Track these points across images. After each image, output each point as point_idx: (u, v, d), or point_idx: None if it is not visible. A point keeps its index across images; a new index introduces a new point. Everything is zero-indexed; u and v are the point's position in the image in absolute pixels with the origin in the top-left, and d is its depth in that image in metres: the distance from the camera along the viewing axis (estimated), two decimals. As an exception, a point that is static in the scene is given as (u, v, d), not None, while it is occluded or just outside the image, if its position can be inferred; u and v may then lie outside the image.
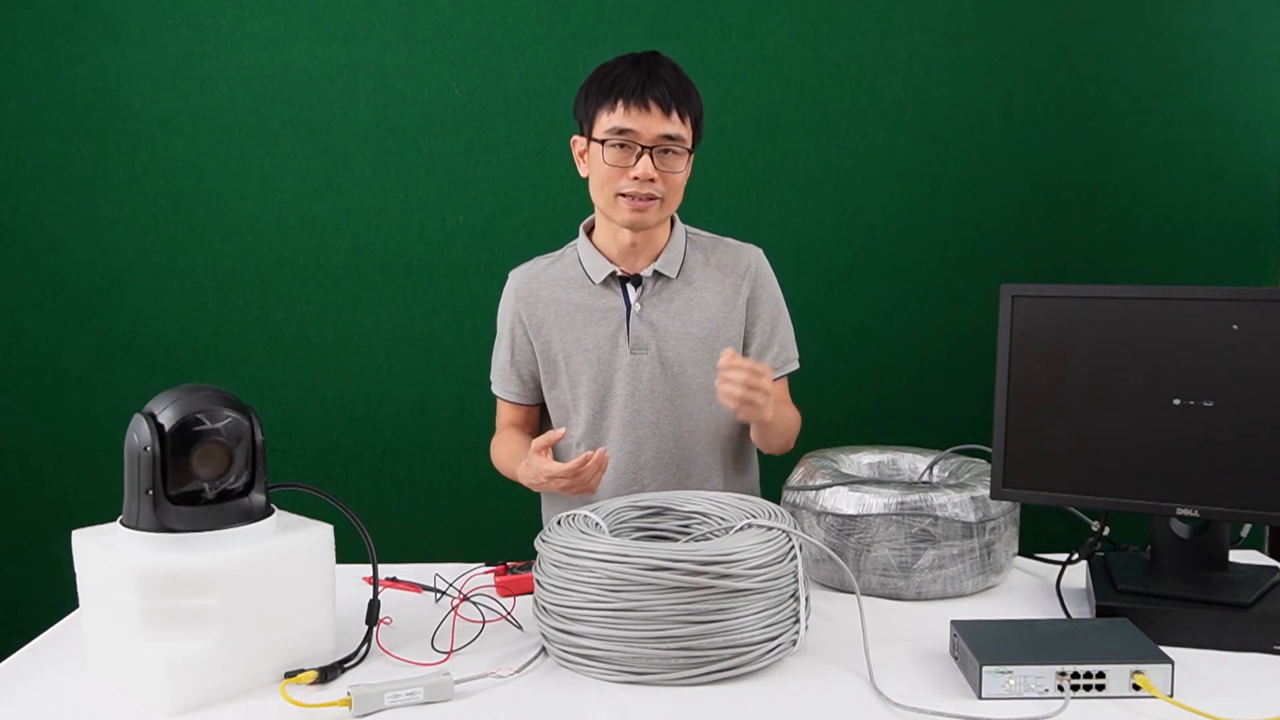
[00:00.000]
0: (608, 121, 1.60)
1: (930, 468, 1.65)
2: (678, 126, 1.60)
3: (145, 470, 1.13)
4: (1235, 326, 1.31)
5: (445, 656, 1.27)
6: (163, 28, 2.32)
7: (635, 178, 1.60)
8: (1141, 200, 2.38)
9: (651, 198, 1.62)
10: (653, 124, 1.59)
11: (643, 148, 1.59)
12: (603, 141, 1.61)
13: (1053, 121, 2.36)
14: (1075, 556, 1.51)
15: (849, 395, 2.42)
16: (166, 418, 1.15)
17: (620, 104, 1.59)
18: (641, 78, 1.59)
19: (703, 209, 2.33)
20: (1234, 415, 1.31)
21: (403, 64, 2.33)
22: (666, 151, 1.61)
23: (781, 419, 1.71)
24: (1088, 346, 1.38)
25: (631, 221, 1.64)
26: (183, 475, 1.15)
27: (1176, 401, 1.34)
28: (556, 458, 1.66)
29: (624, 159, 1.61)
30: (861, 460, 1.68)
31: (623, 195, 1.62)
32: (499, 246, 1.91)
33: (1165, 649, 1.18)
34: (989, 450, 1.47)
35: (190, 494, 1.16)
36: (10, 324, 2.40)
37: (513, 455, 1.74)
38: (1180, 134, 2.36)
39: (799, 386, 1.83)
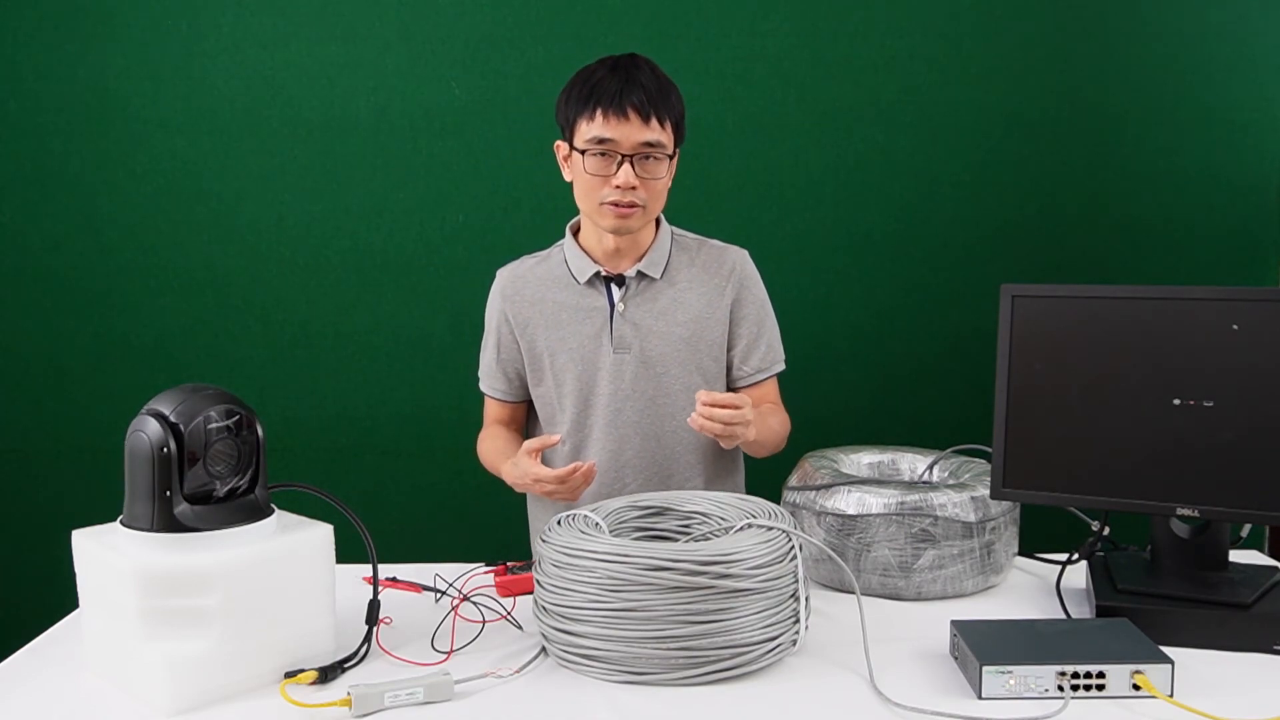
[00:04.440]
0: (587, 131, 1.60)
1: (930, 468, 1.65)
2: (657, 133, 1.60)
3: (161, 470, 1.13)
4: (1235, 326, 1.31)
5: (445, 656, 1.27)
6: (163, 28, 2.32)
7: (617, 186, 1.60)
8: (1141, 200, 2.37)
9: (634, 205, 1.62)
10: (632, 132, 1.58)
11: (623, 156, 1.59)
12: (583, 151, 1.61)
13: (1053, 121, 2.35)
14: (1075, 556, 1.51)
15: (849, 395, 2.42)
16: (176, 418, 1.14)
17: (599, 113, 1.58)
18: (619, 84, 1.58)
19: (703, 209, 2.33)
20: (1234, 415, 1.31)
21: (403, 64, 2.33)
22: (647, 158, 1.61)
23: (767, 431, 1.70)
24: (1088, 346, 1.38)
25: (616, 227, 1.65)
26: (195, 475, 1.15)
27: (1176, 401, 1.34)
28: (543, 459, 1.67)
29: (605, 168, 1.60)
30: (861, 460, 1.68)
31: (606, 203, 1.62)
32: (499, 246, 1.91)
33: (1165, 649, 1.18)
34: (989, 450, 1.47)
35: (194, 494, 1.15)
36: (10, 324, 2.40)
37: (499, 452, 1.76)
38: (1180, 134, 2.35)
39: (799, 387, 1.83)
